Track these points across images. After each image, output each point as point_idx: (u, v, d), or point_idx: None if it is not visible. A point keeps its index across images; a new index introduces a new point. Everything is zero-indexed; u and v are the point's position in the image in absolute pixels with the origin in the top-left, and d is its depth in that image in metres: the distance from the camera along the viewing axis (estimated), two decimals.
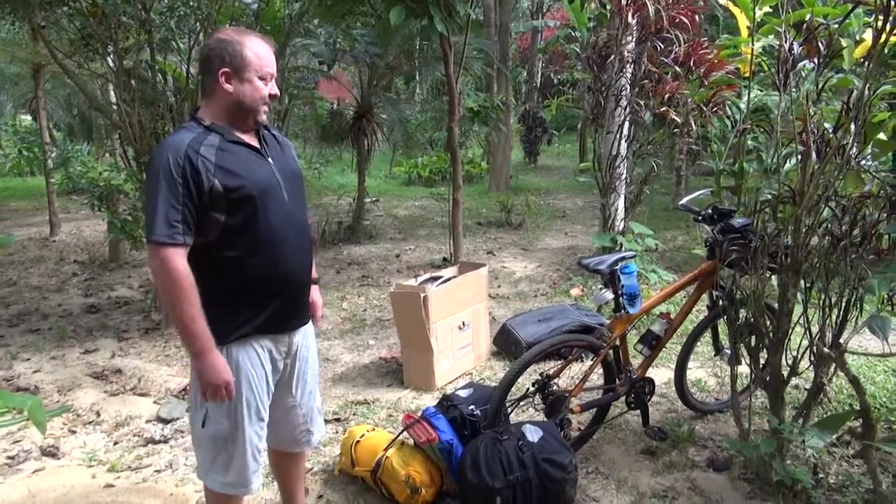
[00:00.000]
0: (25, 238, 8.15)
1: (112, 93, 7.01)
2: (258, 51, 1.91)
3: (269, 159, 1.99)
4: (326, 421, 3.43)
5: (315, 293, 2.32)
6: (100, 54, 5.49)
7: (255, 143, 2.00)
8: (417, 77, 18.76)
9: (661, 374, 3.79)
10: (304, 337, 2.19)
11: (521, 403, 3.04)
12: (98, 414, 3.58)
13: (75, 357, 4.38)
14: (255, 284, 1.95)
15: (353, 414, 3.52)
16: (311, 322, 2.26)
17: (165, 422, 3.47)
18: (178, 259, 1.80)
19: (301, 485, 2.50)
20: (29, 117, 15.89)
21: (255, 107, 1.94)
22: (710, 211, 3.16)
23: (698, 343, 3.72)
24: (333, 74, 9.83)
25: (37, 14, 5.13)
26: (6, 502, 2.73)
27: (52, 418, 3.44)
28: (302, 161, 8.29)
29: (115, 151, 7.76)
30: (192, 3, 5.40)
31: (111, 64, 5.56)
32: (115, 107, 6.26)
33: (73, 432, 3.38)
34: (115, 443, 3.27)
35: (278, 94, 2.00)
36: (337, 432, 3.30)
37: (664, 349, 3.76)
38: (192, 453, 3.14)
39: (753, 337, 2.82)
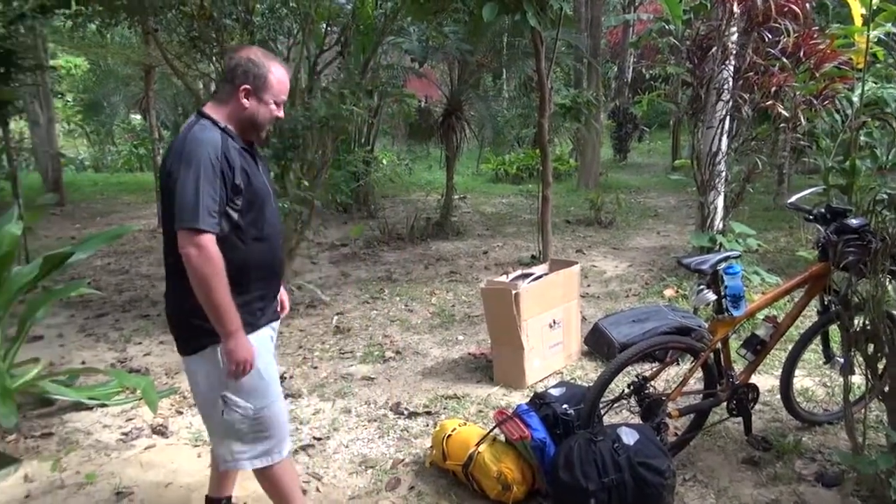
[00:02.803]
0: (136, 230, 8.67)
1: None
2: (280, 77, 2.10)
3: (261, 168, 2.18)
4: (416, 414, 3.48)
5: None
6: (206, 55, 5.77)
7: (252, 154, 2.17)
8: (505, 74, 18.70)
9: (765, 381, 3.62)
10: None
11: (616, 405, 2.97)
12: None
13: None
14: (262, 276, 2.14)
15: (444, 408, 3.54)
16: None
17: None
18: (215, 245, 1.93)
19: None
20: (139, 116, 16.90)
21: (263, 125, 2.13)
22: (822, 210, 2.98)
23: (806, 350, 3.53)
24: (423, 72, 9.94)
25: (149, 18, 5.43)
26: (121, 475, 2.91)
27: (161, 399, 3.64)
28: (391, 156, 8.41)
29: None
30: (291, 5, 5.58)
31: (216, 64, 5.83)
32: None
33: (180, 413, 3.57)
34: None
35: (282, 117, 2.19)
36: (427, 425, 3.33)
37: (769, 355, 3.59)
38: (290, 438, 3.24)
39: (871, 345, 2.63)
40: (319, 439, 3.25)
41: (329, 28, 6.23)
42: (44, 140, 10.56)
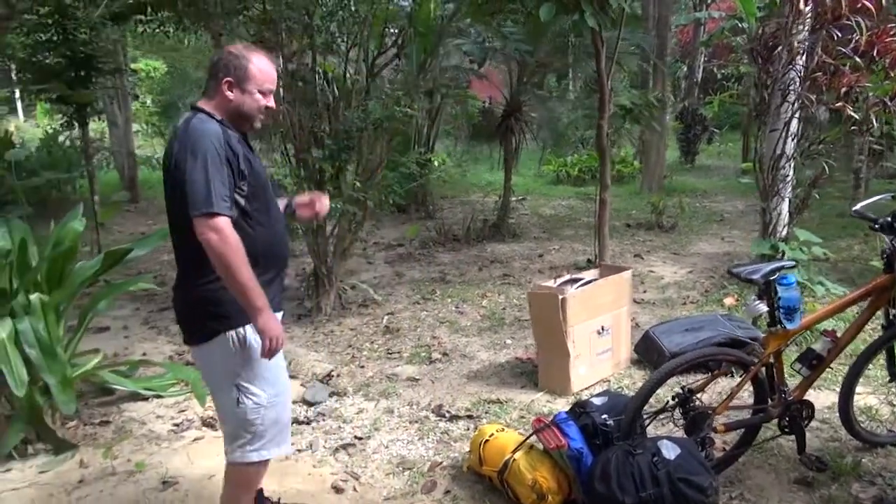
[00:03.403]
0: None
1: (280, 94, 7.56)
2: (262, 67, 2.13)
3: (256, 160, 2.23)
4: (458, 417, 3.47)
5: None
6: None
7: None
8: (570, 74, 18.43)
9: (825, 397, 3.44)
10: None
11: (660, 417, 2.88)
12: None
13: None
14: (270, 264, 2.18)
15: (486, 412, 3.52)
16: None
17: (310, 404, 3.67)
18: (231, 227, 1.97)
19: None
20: None
21: (251, 115, 2.15)
22: (889, 218, 2.80)
23: (870, 366, 3.34)
24: (485, 73, 9.91)
25: (217, 23, 5.61)
26: (168, 465, 3.02)
27: None
28: (443, 157, 8.43)
29: (276, 149, 8.34)
30: (350, 8, 5.67)
31: (279, 67, 5.98)
32: (282, 107, 6.74)
33: None
34: None
35: (275, 107, 2.23)
36: (468, 429, 3.32)
37: (828, 370, 3.41)
38: (332, 436, 3.31)
39: None
40: (360, 438, 3.28)
41: (387, 30, 6.29)
42: (121, 140, 11.08)
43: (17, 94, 14.18)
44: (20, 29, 7.87)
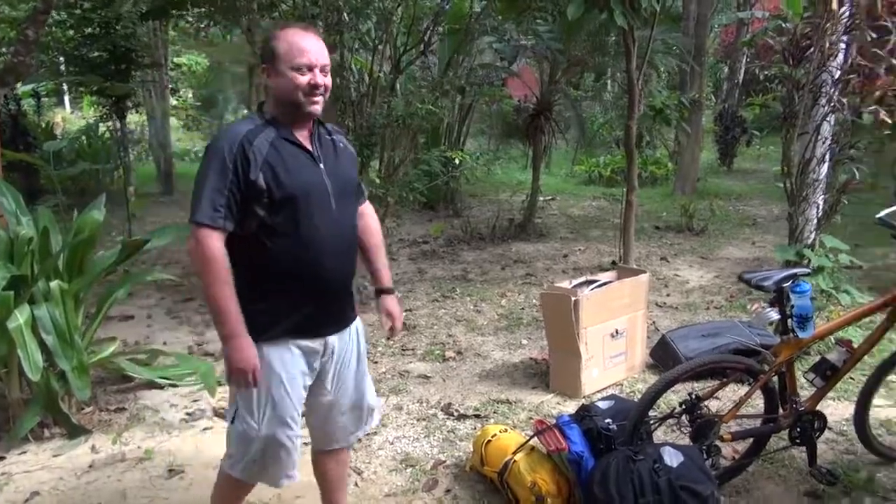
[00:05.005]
0: None
1: None
2: (291, 41, 1.90)
3: (321, 164, 2.00)
4: (466, 416, 3.46)
5: (392, 303, 2.32)
6: None
7: (308, 145, 2.00)
8: (609, 73, 18.19)
9: (843, 408, 3.33)
10: (345, 339, 2.15)
11: (667, 423, 2.84)
12: None
13: None
14: (290, 285, 1.95)
15: (494, 412, 3.50)
16: (356, 322, 2.22)
17: None
18: (215, 241, 1.83)
19: (344, 488, 2.43)
20: (247, 111, 17.80)
21: (293, 98, 1.92)
22: None
23: (892, 378, 3.24)
24: (518, 71, 9.84)
25: (243, 18, 5.69)
26: (176, 453, 3.08)
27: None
28: (464, 155, 8.39)
29: None
30: (379, 4, 5.68)
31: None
32: None
33: None
34: None
35: (328, 84, 1.96)
36: (475, 428, 3.30)
37: (848, 381, 3.32)
38: None
39: None
40: (367, 434, 3.28)
41: (414, 27, 6.29)
42: (159, 132, 11.33)
43: (66, 87, 14.63)
44: (66, 23, 8.13)
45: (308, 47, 1.92)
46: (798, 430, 2.72)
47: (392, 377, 3.98)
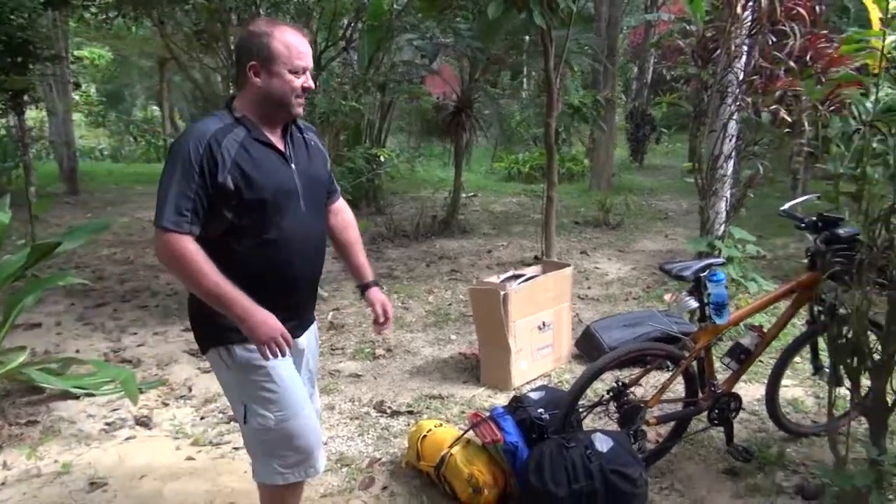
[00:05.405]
0: (146, 220, 8.74)
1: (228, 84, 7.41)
2: (288, 42, 1.85)
3: (293, 164, 1.95)
4: (399, 413, 3.46)
5: (380, 294, 2.30)
6: (212, 48, 5.80)
7: (280, 145, 1.94)
8: (525, 72, 18.55)
9: (754, 390, 3.55)
10: (309, 339, 2.17)
11: (595, 411, 2.94)
12: (189, 389, 3.78)
13: (176, 334, 4.64)
14: (260, 289, 1.86)
15: (427, 408, 3.52)
16: (314, 324, 2.22)
17: None
18: (185, 242, 1.77)
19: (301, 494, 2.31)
20: (157, 107, 17.10)
21: (285, 100, 1.88)
22: (814, 218, 2.91)
23: (797, 359, 3.47)
24: (438, 69, 9.89)
25: (154, 10, 5.47)
26: (97, 465, 2.93)
27: (148, 390, 3.68)
28: (389, 153, 8.37)
29: None
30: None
31: (222, 58, 5.86)
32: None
33: (166, 405, 3.59)
34: (202, 418, 3.44)
35: (314, 86, 1.95)
36: (408, 425, 3.31)
37: (759, 364, 3.53)
38: None
39: (856, 357, 2.57)
40: None
41: (335, 23, 6.23)
42: (60, 129, 10.70)
43: None
44: None
45: (305, 50, 1.89)
46: (716, 411, 2.88)
47: (322, 377, 3.93)
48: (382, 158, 7.17)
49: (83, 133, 17.05)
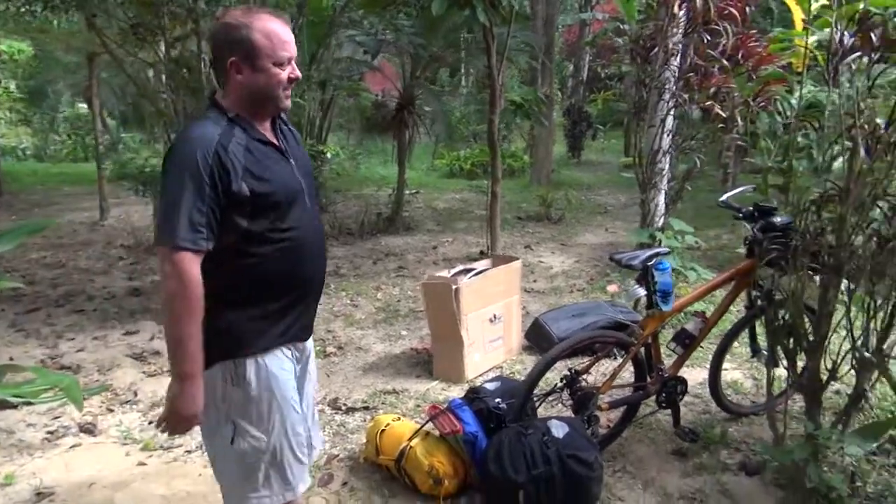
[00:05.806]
0: (77, 222, 8.41)
1: (162, 80, 7.19)
2: (269, 32, 1.71)
3: (292, 160, 1.85)
4: (354, 409, 3.46)
5: None
6: (149, 43, 5.62)
7: (275, 140, 1.84)
8: (463, 69, 18.68)
9: (697, 374, 3.70)
10: (311, 341, 2.08)
11: (549, 399, 3.01)
12: (135, 394, 3.68)
13: (116, 338, 4.50)
14: (278, 291, 1.81)
15: (382, 403, 3.53)
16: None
17: None
18: (195, 267, 1.64)
19: None
20: (85, 105, 16.40)
21: (272, 94, 1.75)
22: (750, 208, 3.06)
23: (736, 344, 3.63)
24: (378, 66, 9.86)
25: (90, 3, 5.26)
26: (42, 475, 2.82)
27: (91, 396, 3.55)
28: (344, 152, 8.32)
29: (160, 138, 7.94)
30: None
31: (160, 53, 5.70)
32: (161, 94, 6.41)
33: (111, 411, 3.48)
34: (150, 422, 3.34)
35: (300, 76, 1.82)
36: (365, 421, 3.31)
37: (700, 349, 3.68)
38: None
39: (791, 339, 2.72)
40: None
41: None
42: None
43: None
44: None
45: (288, 38, 1.75)
46: (664, 395, 2.99)
47: None
48: (329, 155, 7.10)
49: (3, 131, 16.23)
